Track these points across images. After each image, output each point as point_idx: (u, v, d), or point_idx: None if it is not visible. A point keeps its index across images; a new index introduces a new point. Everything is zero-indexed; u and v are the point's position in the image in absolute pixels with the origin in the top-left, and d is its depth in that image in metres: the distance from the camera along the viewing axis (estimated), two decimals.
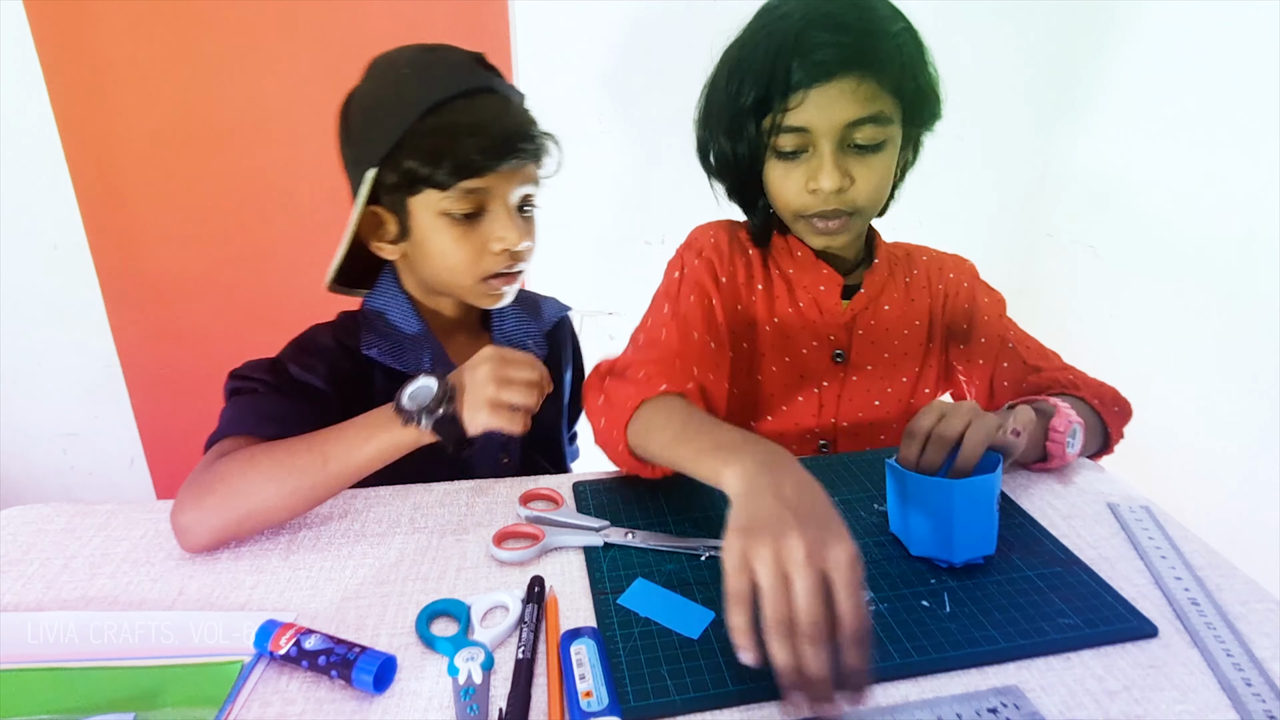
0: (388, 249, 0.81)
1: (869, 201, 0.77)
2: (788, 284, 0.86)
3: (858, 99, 0.72)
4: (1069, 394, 0.80)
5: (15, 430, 1.60)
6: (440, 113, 0.74)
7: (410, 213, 0.78)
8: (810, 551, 0.46)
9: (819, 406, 0.87)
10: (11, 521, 0.69)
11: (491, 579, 0.62)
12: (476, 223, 0.78)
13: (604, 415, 0.71)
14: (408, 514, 0.71)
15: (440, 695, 0.51)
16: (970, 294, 0.89)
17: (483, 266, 0.79)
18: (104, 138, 1.43)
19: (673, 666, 0.53)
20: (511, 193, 0.78)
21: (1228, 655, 0.53)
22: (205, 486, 0.64)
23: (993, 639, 0.55)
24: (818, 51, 0.71)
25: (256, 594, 0.60)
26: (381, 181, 0.76)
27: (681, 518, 0.69)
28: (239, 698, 0.50)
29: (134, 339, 1.57)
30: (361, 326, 0.82)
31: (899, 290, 0.88)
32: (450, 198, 0.75)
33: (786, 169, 0.77)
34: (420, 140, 0.74)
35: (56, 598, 0.60)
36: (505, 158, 0.75)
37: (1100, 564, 0.63)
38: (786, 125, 0.74)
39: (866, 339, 0.86)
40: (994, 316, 0.88)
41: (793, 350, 0.86)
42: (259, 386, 0.73)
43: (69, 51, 1.37)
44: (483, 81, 0.77)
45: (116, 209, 1.48)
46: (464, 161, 0.74)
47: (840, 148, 0.74)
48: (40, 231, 1.46)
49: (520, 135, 0.76)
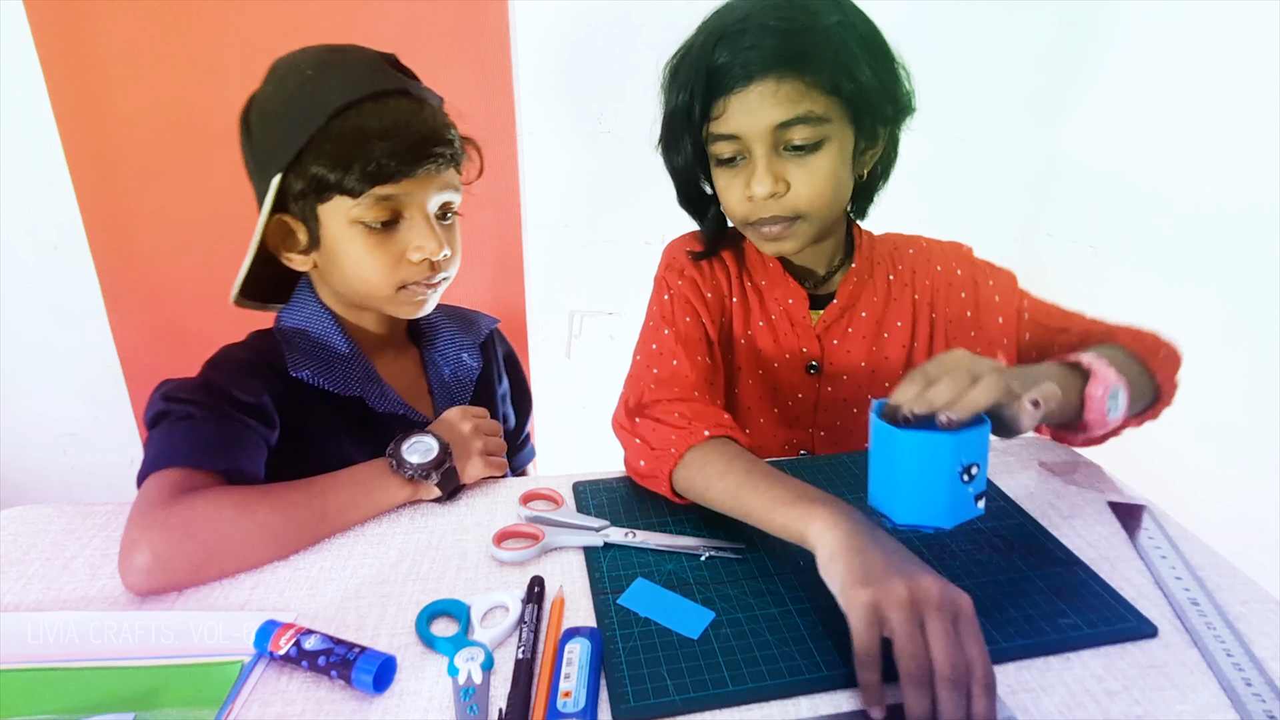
0: (298, 259, 0.77)
1: (811, 205, 0.73)
2: (760, 296, 0.85)
3: (779, 100, 0.69)
4: (1105, 345, 0.73)
5: (15, 430, 1.60)
6: (348, 115, 0.70)
7: (320, 221, 0.74)
8: (943, 596, 0.47)
9: (795, 418, 0.86)
10: (11, 522, 0.69)
11: (491, 579, 0.62)
12: (392, 231, 0.74)
13: (643, 457, 0.70)
14: (408, 514, 0.71)
15: (440, 695, 0.51)
16: (968, 280, 0.85)
17: (399, 276, 0.75)
18: (104, 138, 1.43)
19: (673, 666, 0.53)
20: (429, 199, 0.75)
21: (1228, 655, 0.53)
22: (179, 528, 0.59)
23: (992, 639, 0.55)
24: (735, 56, 0.69)
25: (256, 594, 0.60)
26: (288, 189, 0.72)
27: (681, 518, 0.69)
28: (239, 698, 0.50)
29: (134, 339, 1.57)
30: (283, 346, 0.77)
31: (879, 292, 0.85)
32: (362, 205, 0.72)
33: (728, 177, 0.75)
34: (328, 144, 0.70)
35: (57, 598, 0.60)
36: (419, 163, 0.71)
37: (1100, 564, 0.63)
38: (717, 134, 0.73)
39: (842, 349, 0.84)
40: (1004, 294, 0.84)
41: (765, 364, 0.85)
42: (194, 411, 0.67)
43: (69, 51, 1.37)
44: (394, 83, 0.73)
45: (116, 209, 1.48)
46: (375, 167, 0.70)
47: (776, 151, 0.72)
48: (40, 231, 1.46)
49: (435, 139, 0.73)
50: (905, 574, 0.49)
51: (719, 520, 0.68)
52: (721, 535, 0.66)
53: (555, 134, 1.51)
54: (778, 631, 0.56)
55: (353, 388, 0.78)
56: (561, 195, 1.56)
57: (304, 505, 0.65)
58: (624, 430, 0.74)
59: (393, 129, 0.70)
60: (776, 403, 0.86)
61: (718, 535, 0.67)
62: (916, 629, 0.47)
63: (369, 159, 0.69)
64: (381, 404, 0.80)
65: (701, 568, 0.63)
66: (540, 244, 1.59)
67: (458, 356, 0.88)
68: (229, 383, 0.71)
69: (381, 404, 0.80)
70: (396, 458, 0.69)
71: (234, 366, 0.74)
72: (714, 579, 0.62)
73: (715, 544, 0.65)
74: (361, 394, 0.78)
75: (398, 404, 0.81)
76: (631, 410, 0.74)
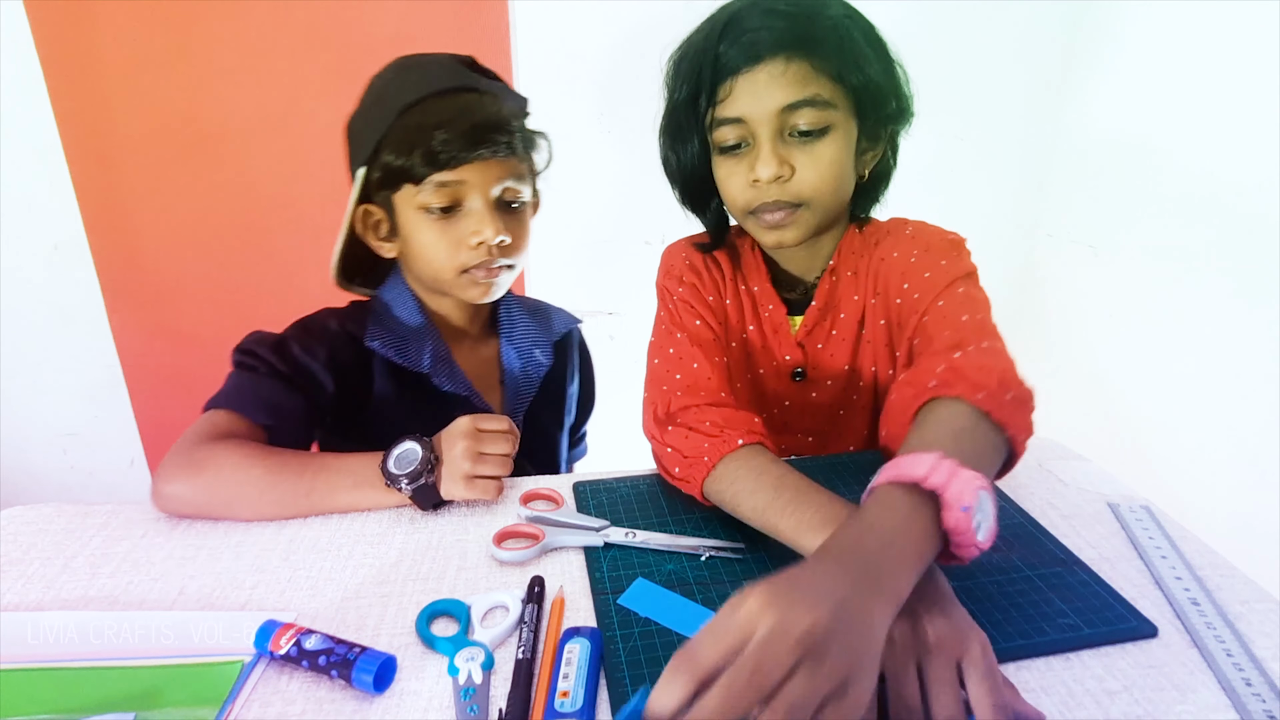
0: (385, 246, 0.84)
1: (815, 191, 0.72)
2: (752, 301, 0.84)
3: (788, 81, 0.69)
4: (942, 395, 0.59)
5: (15, 430, 1.60)
6: (414, 111, 0.77)
7: (396, 209, 0.80)
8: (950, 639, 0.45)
9: (783, 424, 0.86)
10: (12, 521, 0.69)
11: (491, 579, 0.62)
12: (454, 217, 0.79)
13: (677, 465, 0.69)
14: (408, 514, 0.71)
15: (440, 695, 0.51)
16: (915, 267, 0.76)
17: (460, 260, 0.79)
18: (104, 138, 1.43)
19: None
20: (490, 186, 0.78)
21: (1228, 655, 0.53)
22: (198, 467, 0.68)
23: (992, 639, 0.54)
24: (743, 36, 0.69)
25: (256, 594, 0.60)
26: (370, 180, 0.79)
27: (681, 518, 0.69)
28: (239, 698, 0.50)
29: (134, 339, 1.57)
30: (370, 317, 0.84)
31: (858, 287, 0.81)
32: (425, 191, 0.77)
33: (731, 165, 0.75)
34: (396, 136, 0.77)
35: (57, 598, 0.60)
36: (475, 148, 0.76)
37: (1100, 564, 0.63)
38: (721, 118, 0.72)
39: (825, 354, 0.83)
40: (927, 289, 0.73)
41: (753, 369, 0.85)
42: (261, 367, 0.76)
43: (69, 51, 1.37)
44: (462, 80, 0.79)
45: (116, 209, 1.48)
46: (432, 153, 0.75)
47: (780, 136, 0.71)
48: (40, 231, 1.46)
49: (491, 127, 0.77)
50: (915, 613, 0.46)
51: (719, 520, 0.68)
52: (721, 535, 0.66)
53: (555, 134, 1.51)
54: None
55: (420, 364, 0.82)
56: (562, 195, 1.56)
57: (295, 475, 0.69)
58: (655, 440, 0.73)
59: (451, 119, 0.76)
60: (764, 408, 0.86)
61: (718, 535, 0.67)
62: (910, 673, 0.44)
63: (428, 147, 0.75)
64: (448, 384, 0.84)
65: (701, 568, 0.63)
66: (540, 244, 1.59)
67: (530, 351, 0.91)
68: (297, 342, 0.78)
69: (448, 384, 0.84)
70: (384, 457, 0.69)
71: (312, 329, 0.82)
72: (714, 579, 0.62)
73: (715, 544, 0.65)
74: (430, 372, 0.83)
75: (464, 387, 0.85)
76: (661, 420, 0.73)
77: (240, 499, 0.68)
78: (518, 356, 0.91)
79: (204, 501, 0.68)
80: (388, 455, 0.69)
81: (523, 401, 0.90)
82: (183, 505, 0.68)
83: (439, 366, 0.84)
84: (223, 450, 0.69)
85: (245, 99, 1.44)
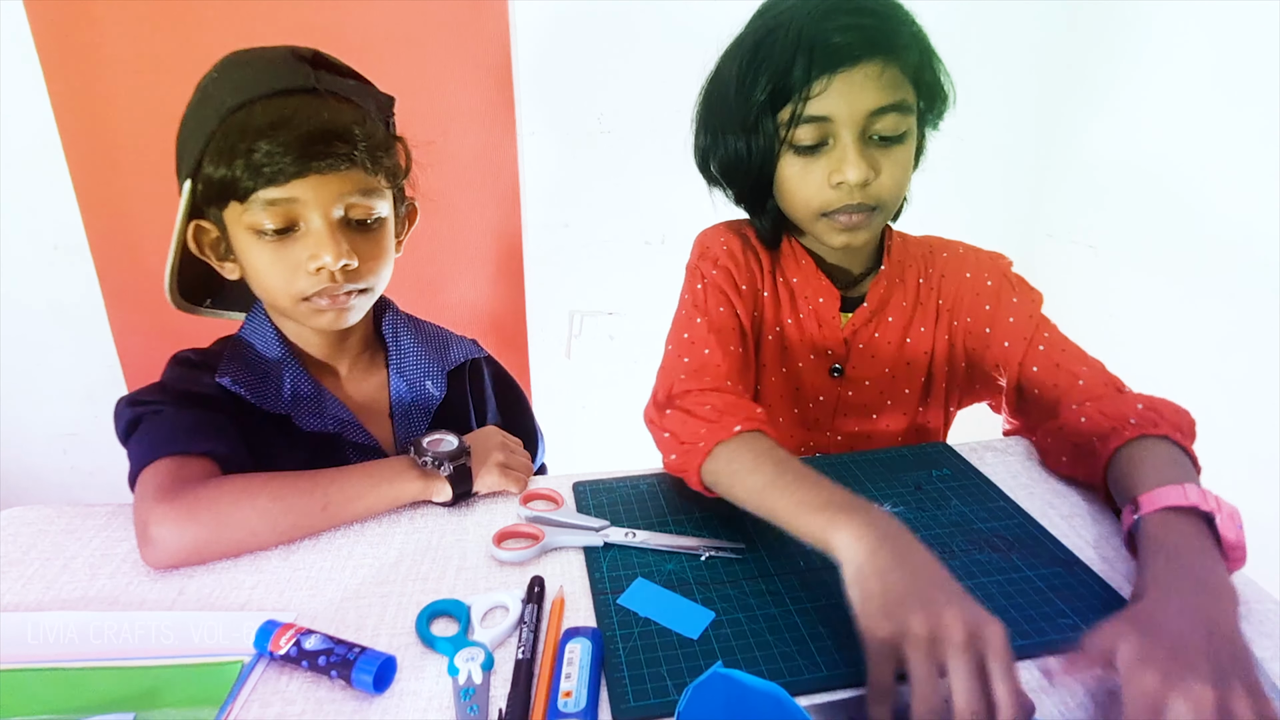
0: (226, 267, 0.74)
1: (892, 196, 0.74)
2: (791, 294, 0.83)
3: (882, 85, 0.69)
4: (1147, 433, 0.67)
5: (15, 430, 1.60)
6: (239, 115, 0.66)
7: (227, 227, 0.71)
8: (969, 632, 0.44)
9: (814, 421, 0.86)
10: (12, 522, 0.69)
11: (491, 579, 0.62)
12: (290, 238, 0.68)
13: (674, 451, 0.69)
14: (408, 514, 0.71)
15: (440, 695, 0.51)
16: (995, 293, 0.82)
17: (298, 287, 0.70)
18: (104, 138, 1.43)
19: (673, 666, 0.53)
20: (330, 205, 0.68)
21: None
22: (190, 513, 0.62)
23: None
24: (841, 35, 0.68)
25: (256, 594, 0.60)
26: (196, 193, 0.70)
27: (681, 518, 0.69)
28: (239, 698, 0.50)
29: (134, 339, 1.57)
30: (228, 353, 0.76)
31: (908, 295, 0.84)
32: (252, 210, 0.67)
33: (805, 165, 0.73)
34: (217, 145, 0.66)
35: (57, 598, 0.60)
36: (308, 161, 0.65)
37: (1100, 564, 0.63)
38: (807, 115, 0.70)
39: (866, 354, 0.84)
40: (1020, 318, 0.81)
41: (790, 362, 0.84)
42: (160, 407, 0.69)
43: (69, 51, 1.37)
44: (299, 80, 0.68)
45: (116, 209, 1.48)
46: (255, 166, 0.65)
47: (861, 139, 0.71)
48: (40, 231, 1.46)
49: (327, 135, 0.66)
50: (930, 605, 0.46)
51: (719, 520, 0.68)
52: (722, 535, 0.66)
53: (555, 134, 1.51)
54: (778, 631, 0.56)
55: (275, 403, 0.74)
56: (561, 195, 1.56)
57: (306, 493, 0.65)
58: (653, 424, 0.73)
59: (277, 126, 0.65)
60: (798, 403, 0.86)
61: (718, 535, 0.67)
62: (933, 672, 0.44)
63: (251, 158, 0.65)
64: (312, 421, 0.75)
65: (701, 568, 0.63)
66: (540, 244, 1.59)
67: (421, 382, 0.83)
68: (181, 380, 0.72)
69: (312, 421, 0.75)
70: (416, 445, 0.69)
71: (184, 367, 0.75)
72: (714, 579, 0.62)
73: (715, 544, 0.65)
74: (289, 411, 0.75)
75: (335, 423, 0.77)
76: (661, 403, 0.72)
77: (248, 532, 0.63)
78: (406, 388, 0.83)
79: (203, 542, 0.62)
80: (417, 443, 0.69)
81: (414, 435, 0.79)
82: (178, 551, 0.62)
83: (301, 405, 0.75)
84: (211, 489, 0.63)
85: None
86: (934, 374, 0.86)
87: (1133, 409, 0.70)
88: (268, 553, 0.65)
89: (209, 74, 0.71)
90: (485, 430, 0.77)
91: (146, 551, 0.62)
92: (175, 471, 0.64)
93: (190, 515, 0.62)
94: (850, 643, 0.54)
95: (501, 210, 1.56)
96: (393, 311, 0.85)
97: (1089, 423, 0.72)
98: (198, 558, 0.63)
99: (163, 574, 0.62)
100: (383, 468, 0.69)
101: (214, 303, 0.82)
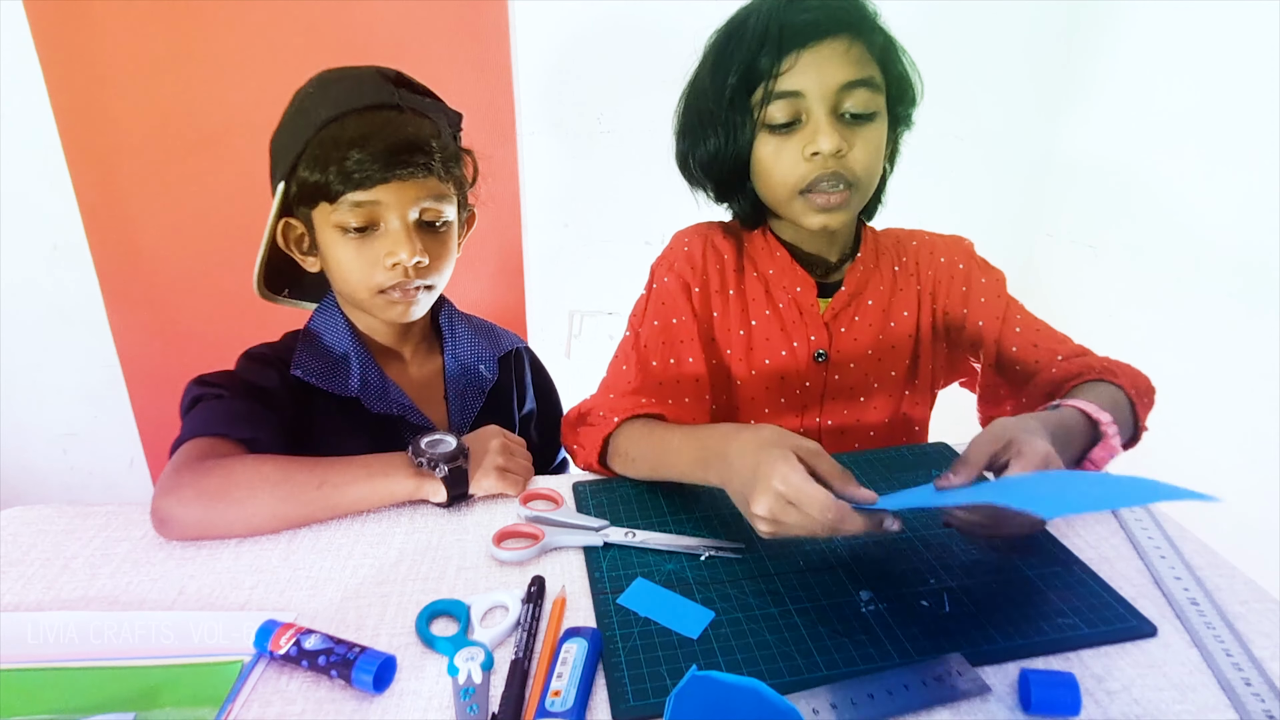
0: (308, 261, 0.83)
1: (866, 173, 0.76)
2: (765, 285, 0.85)
3: (850, 60, 0.72)
4: (1104, 379, 0.75)
5: (15, 430, 1.60)
6: (333, 127, 0.75)
7: (314, 225, 0.79)
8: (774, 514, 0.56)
9: (802, 407, 0.87)
10: (12, 522, 0.69)
11: (491, 579, 0.62)
12: (371, 236, 0.77)
13: (581, 461, 0.78)
14: (407, 514, 0.71)
15: (440, 695, 0.51)
16: (966, 275, 0.87)
17: (376, 280, 0.78)
18: (104, 138, 1.43)
19: (672, 666, 0.53)
20: (408, 207, 0.77)
21: (1227, 655, 0.53)
22: (204, 485, 0.66)
23: (992, 639, 0.55)
24: (808, 13, 0.72)
25: (256, 594, 0.60)
26: (289, 195, 0.78)
27: (681, 518, 0.69)
28: (239, 698, 0.50)
29: (134, 339, 1.57)
30: (299, 346, 0.82)
31: (885, 281, 0.87)
32: (340, 210, 0.75)
33: (780, 143, 0.75)
34: (313, 153, 0.75)
35: (57, 598, 0.60)
36: (392, 169, 0.74)
37: (1100, 564, 0.63)
38: (778, 92, 0.73)
39: (849, 337, 0.85)
40: (990, 298, 0.86)
41: (772, 352, 0.85)
42: (224, 393, 0.75)
43: (69, 51, 1.37)
44: (385, 97, 0.77)
45: (116, 209, 1.48)
46: (347, 173, 0.74)
47: (833, 115, 0.73)
48: (40, 231, 1.46)
49: (409, 147, 0.75)
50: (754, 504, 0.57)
51: (719, 520, 0.68)
52: (721, 535, 0.66)
53: (555, 134, 1.51)
54: (778, 631, 0.56)
55: (347, 388, 0.81)
56: (561, 195, 1.56)
57: (306, 469, 0.69)
58: (567, 440, 0.81)
59: (367, 137, 0.74)
60: (783, 391, 0.86)
61: (718, 535, 0.67)
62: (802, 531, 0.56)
63: (343, 165, 0.74)
64: (378, 405, 0.82)
65: (701, 568, 0.63)
66: (540, 244, 1.59)
67: (475, 366, 0.91)
68: (248, 372, 0.79)
69: (378, 405, 0.82)
70: (414, 445, 0.71)
71: (255, 359, 0.82)
72: (714, 579, 0.62)
73: (715, 544, 0.65)
74: (358, 395, 0.81)
75: (398, 406, 0.83)
76: (573, 421, 0.80)
77: (254, 507, 0.66)
78: (461, 371, 0.90)
79: (215, 518, 0.66)
80: (415, 442, 0.71)
81: (468, 415, 0.89)
82: (191, 526, 0.66)
83: (368, 389, 0.82)
84: (229, 466, 0.68)
85: (245, 99, 1.44)
86: (920, 356, 0.88)
87: (1098, 362, 0.78)
88: (268, 553, 0.65)
89: (304, 89, 0.80)
90: (486, 431, 0.77)
91: (157, 520, 0.66)
92: (208, 450, 0.70)
93: (206, 490, 0.66)
94: (850, 642, 0.54)
95: (501, 210, 1.56)
96: (449, 306, 0.93)
97: (1059, 372, 0.79)
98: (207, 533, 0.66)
99: (163, 574, 0.62)
100: (379, 461, 0.71)
101: (291, 292, 0.89)
